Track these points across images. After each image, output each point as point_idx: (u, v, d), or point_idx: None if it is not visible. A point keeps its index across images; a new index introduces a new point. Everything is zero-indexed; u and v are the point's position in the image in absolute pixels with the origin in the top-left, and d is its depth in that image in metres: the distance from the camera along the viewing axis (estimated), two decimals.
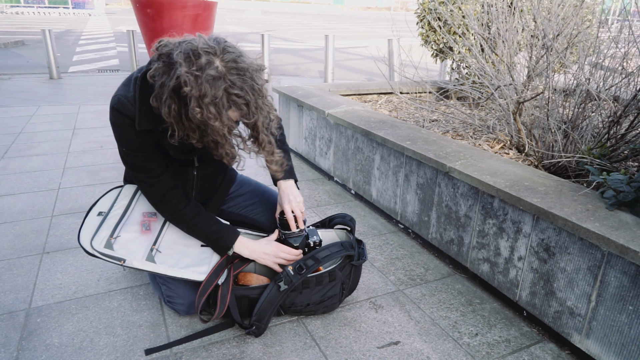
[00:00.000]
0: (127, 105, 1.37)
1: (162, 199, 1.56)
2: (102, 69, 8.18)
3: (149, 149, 1.47)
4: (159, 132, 1.41)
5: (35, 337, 1.61)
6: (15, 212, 2.55)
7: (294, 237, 1.72)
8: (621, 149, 2.14)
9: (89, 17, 22.83)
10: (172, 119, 1.25)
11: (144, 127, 1.38)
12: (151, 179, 1.51)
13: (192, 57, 1.18)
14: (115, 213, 1.63)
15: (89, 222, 1.60)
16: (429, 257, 2.26)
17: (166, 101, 1.22)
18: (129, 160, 1.49)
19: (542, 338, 1.71)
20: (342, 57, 10.73)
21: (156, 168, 1.50)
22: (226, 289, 1.60)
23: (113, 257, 1.53)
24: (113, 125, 1.43)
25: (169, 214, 1.59)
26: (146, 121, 1.38)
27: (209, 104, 1.18)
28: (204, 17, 6.08)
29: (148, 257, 1.57)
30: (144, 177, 1.50)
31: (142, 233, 1.62)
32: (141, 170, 1.50)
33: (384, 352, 1.60)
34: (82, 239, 1.55)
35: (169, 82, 1.20)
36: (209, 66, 1.18)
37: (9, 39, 11.22)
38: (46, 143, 3.80)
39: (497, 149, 2.61)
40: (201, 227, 1.61)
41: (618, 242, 1.38)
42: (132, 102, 1.37)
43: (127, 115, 1.38)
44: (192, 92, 1.17)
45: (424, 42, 4.12)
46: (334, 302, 1.76)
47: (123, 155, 1.49)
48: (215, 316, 1.59)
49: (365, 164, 2.77)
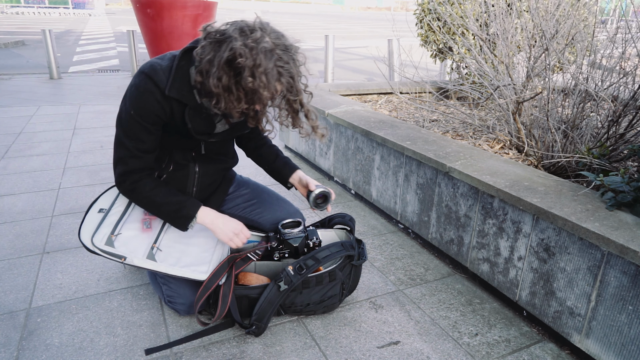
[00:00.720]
0: (160, 73, 1.42)
1: (131, 172, 1.52)
2: (103, 69, 8.18)
3: (156, 123, 1.48)
4: (181, 104, 1.46)
5: (36, 337, 1.61)
6: (16, 212, 2.55)
7: (294, 238, 1.72)
8: (620, 148, 2.14)
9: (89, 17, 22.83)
10: (220, 89, 1.31)
11: (172, 95, 1.43)
12: (138, 152, 1.50)
13: (247, 31, 1.29)
14: (117, 210, 1.63)
15: (89, 219, 1.60)
16: (429, 257, 2.26)
17: (216, 72, 1.29)
18: (130, 124, 1.47)
19: (542, 338, 1.71)
20: (342, 57, 10.73)
21: (148, 143, 1.50)
22: (228, 289, 1.60)
23: (114, 254, 1.53)
24: (134, 88, 1.45)
25: (129, 184, 1.53)
26: (176, 90, 1.43)
27: (261, 74, 1.27)
28: (204, 17, 6.08)
29: (149, 255, 1.57)
30: (133, 146, 1.49)
31: (143, 231, 1.62)
32: (135, 138, 1.48)
33: (384, 352, 1.60)
34: (83, 236, 1.55)
35: (222, 54, 1.28)
36: (262, 40, 1.28)
37: (9, 39, 11.23)
38: (46, 143, 3.80)
39: (497, 149, 2.61)
40: (162, 198, 1.55)
41: (618, 242, 1.38)
42: (167, 71, 1.43)
43: (155, 82, 1.42)
44: (247, 62, 1.26)
45: (424, 42, 4.12)
46: (334, 302, 1.77)
47: (126, 118, 1.47)
48: (216, 316, 1.58)
49: (365, 164, 2.78)
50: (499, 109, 2.82)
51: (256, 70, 1.26)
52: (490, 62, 2.95)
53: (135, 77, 1.46)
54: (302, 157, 3.65)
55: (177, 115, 1.48)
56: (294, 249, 1.72)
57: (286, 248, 1.73)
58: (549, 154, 2.35)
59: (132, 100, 1.45)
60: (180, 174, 1.66)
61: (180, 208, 1.56)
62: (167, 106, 1.45)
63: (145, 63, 1.46)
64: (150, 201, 1.56)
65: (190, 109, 1.47)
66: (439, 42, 3.95)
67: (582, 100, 2.35)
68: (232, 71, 1.29)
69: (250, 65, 1.26)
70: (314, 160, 3.44)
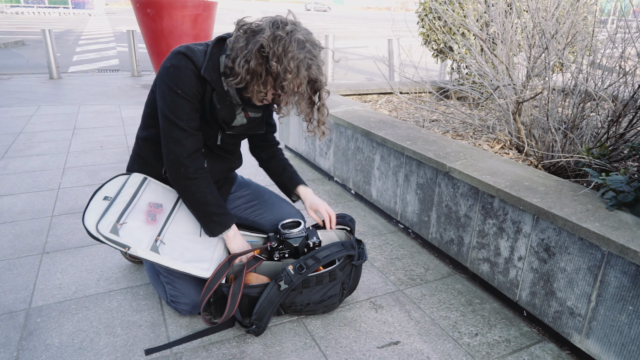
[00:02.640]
0: (197, 53, 1.48)
1: (193, 155, 1.56)
2: (102, 69, 8.18)
3: (198, 99, 1.52)
4: (210, 88, 1.51)
5: (35, 337, 1.61)
6: (15, 212, 2.55)
7: (294, 238, 1.72)
8: (620, 148, 2.14)
9: (89, 17, 22.83)
10: (250, 75, 1.38)
11: (206, 76, 1.48)
12: (191, 129, 1.53)
13: (280, 24, 1.38)
14: (122, 200, 1.62)
15: (94, 205, 1.59)
16: (429, 257, 2.26)
17: (247, 57, 1.37)
18: (179, 104, 1.49)
19: (542, 338, 1.71)
20: (342, 57, 10.73)
21: (197, 121, 1.55)
22: (237, 288, 1.59)
23: (118, 242, 1.52)
24: (172, 68, 1.47)
25: (192, 171, 1.56)
26: (209, 73, 1.48)
27: (290, 61, 1.34)
28: (204, 17, 6.08)
29: (152, 247, 1.56)
30: (185, 124, 1.52)
31: (148, 223, 1.61)
32: (186, 117, 1.51)
33: (384, 352, 1.60)
34: (87, 222, 1.53)
35: (255, 43, 1.36)
36: (294, 32, 1.38)
37: (9, 39, 11.22)
38: (46, 143, 3.80)
39: (497, 149, 2.61)
40: (213, 199, 1.61)
41: (618, 242, 1.38)
42: (202, 53, 1.49)
43: (192, 61, 1.47)
44: (278, 50, 1.34)
45: (425, 42, 4.12)
46: (334, 302, 1.77)
47: (172, 99, 1.49)
48: (224, 316, 1.58)
49: (365, 164, 2.78)
50: (499, 109, 2.82)
51: (285, 58, 1.34)
52: (490, 62, 2.95)
53: (171, 58, 1.49)
54: (302, 157, 3.65)
55: (207, 97, 1.54)
56: (294, 249, 1.72)
57: (286, 248, 1.73)
58: (549, 154, 2.34)
59: (174, 79, 1.48)
60: None
61: (224, 214, 1.63)
62: (201, 86, 1.51)
63: (178, 46, 1.51)
64: (202, 196, 1.59)
65: (217, 94, 1.52)
66: (440, 42, 3.95)
67: (582, 100, 2.35)
68: (261, 58, 1.36)
69: (280, 53, 1.34)
70: (314, 160, 3.44)
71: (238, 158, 1.86)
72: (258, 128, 1.73)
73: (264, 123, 1.74)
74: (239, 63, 1.38)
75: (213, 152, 1.71)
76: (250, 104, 1.57)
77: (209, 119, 1.58)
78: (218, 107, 1.54)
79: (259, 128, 1.74)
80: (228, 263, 1.64)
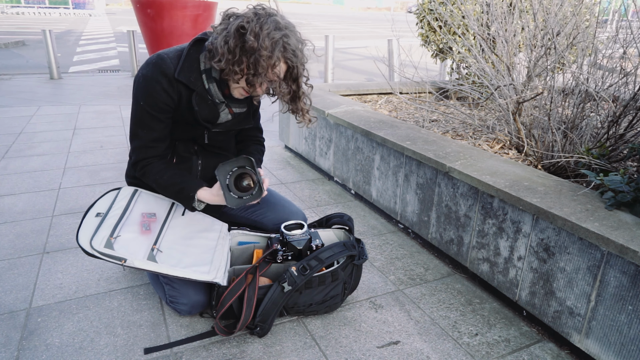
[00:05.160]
0: (167, 61, 1.51)
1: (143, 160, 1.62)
2: (103, 69, 8.18)
3: (164, 111, 1.55)
4: (189, 90, 1.54)
5: (36, 337, 1.61)
6: (16, 212, 2.55)
7: (298, 240, 1.72)
8: (620, 148, 2.15)
9: (89, 18, 22.82)
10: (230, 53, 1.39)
11: (181, 78, 1.50)
12: (150, 141, 1.59)
13: (261, 11, 1.42)
14: (114, 213, 1.63)
15: (87, 223, 1.59)
16: (428, 257, 2.26)
17: (226, 37, 1.39)
18: (141, 114, 1.55)
19: (541, 338, 1.71)
20: (342, 57, 10.73)
21: (159, 132, 1.58)
22: (252, 293, 1.59)
23: (114, 256, 1.52)
24: (142, 78, 1.52)
25: (140, 169, 1.64)
26: (184, 75, 1.51)
27: (265, 38, 1.36)
28: (204, 18, 6.09)
29: (149, 256, 1.56)
30: (145, 135, 1.58)
31: (142, 233, 1.62)
32: (146, 128, 1.57)
33: (384, 351, 1.61)
34: (81, 240, 1.53)
35: (234, 23, 1.39)
36: (272, 15, 1.41)
37: (9, 39, 11.23)
38: (46, 143, 3.80)
39: (497, 149, 2.61)
40: (167, 180, 1.63)
41: (617, 242, 1.38)
42: (175, 57, 1.52)
43: (162, 71, 1.50)
44: (253, 26, 1.37)
45: (424, 42, 4.12)
46: (336, 302, 1.77)
47: (136, 109, 1.56)
48: (241, 323, 1.56)
49: (365, 164, 2.78)
50: (499, 109, 2.82)
51: (261, 34, 1.35)
52: (490, 62, 2.95)
53: (143, 67, 1.53)
54: (302, 157, 3.65)
55: (184, 100, 1.55)
56: (298, 251, 1.72)
57: (290, 250, 1.72)
58: (548, 154, 2.35)
59: (141, 90, 1.53)
60: (183, 167, 1.72)
61: (182, 189, 1.64)
62: (174, 92, 1.52)
63: (152, 54, 1.54)
64: (158, 184, 1.65)
65: (197, 94, 1.54)
66: (440, 42, 3.95)
67: (582, 101, 2.35)
68: (240, 36, 1.38)
69: (257, 30, 1.36)
70: (314, 160, 3.44)
71: (233, 153, 1.87)
72: (245, 122, 1.75)
73: (250, 117, 1.76)
74: (220, 43, 1.40)
75: (205, 149, 1.74)
76: (233, 99, 1.60)
77: (190, 121, 1.61)
78: (196, 109, 1.56)
79: (246, 122, 1.76)
80: (245, 278, 1.62)
